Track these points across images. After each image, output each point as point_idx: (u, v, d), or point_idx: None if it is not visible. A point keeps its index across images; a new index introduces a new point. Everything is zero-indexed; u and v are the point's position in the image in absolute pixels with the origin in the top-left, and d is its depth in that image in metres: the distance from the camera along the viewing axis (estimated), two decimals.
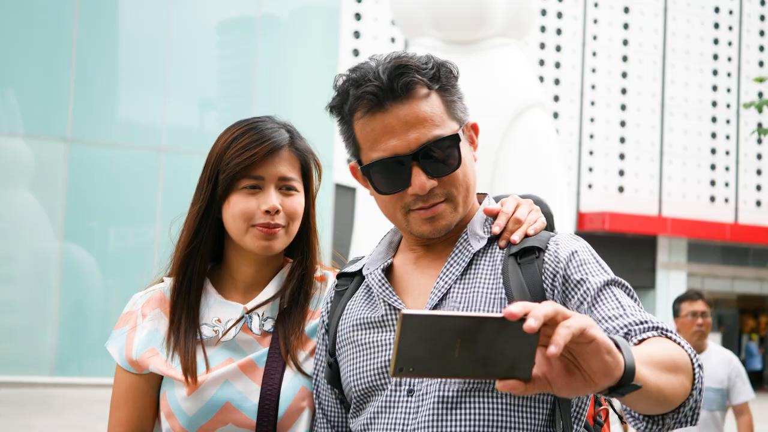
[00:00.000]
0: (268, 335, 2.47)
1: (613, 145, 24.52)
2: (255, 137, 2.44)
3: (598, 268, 2.07)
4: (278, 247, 2.46)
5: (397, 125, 2.12)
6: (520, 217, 2.20)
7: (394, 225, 2.27)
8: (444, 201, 2.15)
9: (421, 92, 2.14)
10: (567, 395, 1.57)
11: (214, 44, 22.11)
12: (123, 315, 2.57)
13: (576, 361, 1.56)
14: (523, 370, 1.51)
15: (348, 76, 2.20)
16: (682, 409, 1.80)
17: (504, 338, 1.50)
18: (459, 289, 2.14)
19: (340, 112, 2.21)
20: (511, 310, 1.48)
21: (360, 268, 2.34)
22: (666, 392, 1.73)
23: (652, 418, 1.80)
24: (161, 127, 20.77)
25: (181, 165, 20.38)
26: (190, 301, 2.49)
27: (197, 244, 2.49)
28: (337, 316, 2.32)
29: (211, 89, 22.01)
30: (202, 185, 2.49)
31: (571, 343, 1.52)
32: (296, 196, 2.48)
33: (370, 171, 2.17)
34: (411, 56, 2.18)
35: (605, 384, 1.57)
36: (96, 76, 20.77)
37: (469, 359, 1.50)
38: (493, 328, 1.50)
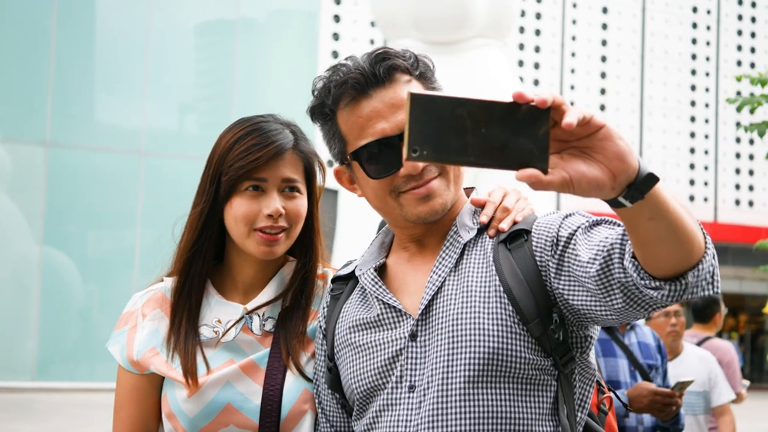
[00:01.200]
0: (269, 335, 2.44)
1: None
2: (259, 139, 2.39)
3: (585, 218, 2.05)
4: (280, 251, 2.43)
5: (383, 108, 2.13)
6: (508, 206, 2.20)
7: (386, 218, 2.25)
8: (438, 176, 2.13)
9: (402, 78, 2.16)
10: (585, 191, 1.56)
11: (193, 47, 22.07)
12: (123, 315, 2.53)
13: (591, 155, 1.56)
14: (539, 160, 1.50)
15: (326, 74, 2.21)
16: (700, 266, 1.76)
17: (516, 124, 1.50)
18: (453, 281, 2.13)
19: (322, 110, 2.21)
20: (520, 91, 1.50)
21: (352, 270, 2.33)
22: (684, 222, 1.70)
23: (672, 280, 1.76)
24: (141, 130, 20.71)
25: (161, 168, 20.33)
26: (192, 303, 2.46)
27: (200, 246, 2.45)
28: (333, 320, 2.30)
29: (190, 92, 21.96)
30: (204, 186, 2.44)
31: (583, 134, 1.54)
32: (299, 198, 2.44)
33: (361, 157, 2.15)
34: (389, 48, 2.20)
35: (623, 170, 1.57)
36: (75, 79, 20.69)
37: (482, 146, 1.49)
38: (503, 113, 1.50)
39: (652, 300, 1.80)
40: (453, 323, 2.07)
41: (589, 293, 1.93)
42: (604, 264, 1.87)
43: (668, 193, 1.67)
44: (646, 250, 1.72)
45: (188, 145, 20.51)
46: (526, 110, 1.50)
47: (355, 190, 2.27)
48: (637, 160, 1.58)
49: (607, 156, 1.55)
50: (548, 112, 1.51)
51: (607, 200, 1.63)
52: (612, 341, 5.05)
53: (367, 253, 2.33)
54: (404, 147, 1.48)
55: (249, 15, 21.81)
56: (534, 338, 2.04)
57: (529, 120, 1.50)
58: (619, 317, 1.92)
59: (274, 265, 2.51)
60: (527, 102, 1.50)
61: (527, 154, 1.50)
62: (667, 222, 1.67)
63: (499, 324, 2.04)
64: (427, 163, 1.40)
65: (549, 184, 1.52)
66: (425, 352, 2.10)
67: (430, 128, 1.48)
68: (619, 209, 1.65)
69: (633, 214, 1.65)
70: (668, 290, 1.76)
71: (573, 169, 1.55)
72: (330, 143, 2.24)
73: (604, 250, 1.88)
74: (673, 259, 1.73)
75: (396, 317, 2.17)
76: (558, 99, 1.52)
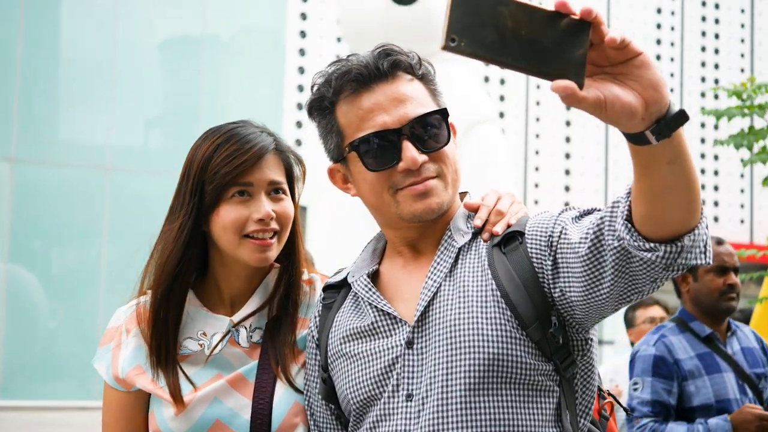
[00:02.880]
0: (257, 347, 2.39)
1: (559, 160, 24.67)
2: (240, 144, 2.36)
3: (576, 210, 2.04)
4: (273, 257, 2.39)
5: (385, 101, 2.10)
6: (502, 209, 2.17)
7: (381, 218, 2.21)
8: (436, 177, 2.11)
9: (405, 76, 2.14)
10: (617, 116, 1.54)
11: (159, 63, 21.99)
12: (107, 331, 2.49)
13: (625, 82, 1.54)
14: (576, 73, 1.49)
15: (327, 69, 2.18)
16: (696, 231, 1.74)
17: (555, 34, 1.48)
18: (449, 286, 2.09)
19: (321, 104, 2.18)
20: (563, 0, 1.49)
21: (344, 278, 2.28)
22: (695, 173, 1.68)
23: (668, 242, 1.73)
24: (106, 146, 20.59)
25: (127, 184, 20.22)
26: (170, 319, 2.39)
27: (185, 261, 2.39)
28: (326, 330, 2.26)
29: (155, 108, 21.87)
30: (184, 199, 2.38)
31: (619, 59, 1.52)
32: (286, 200, 2.41)
33: (359, 149, 2.11)
34: (394, 45, 2.18)
35: (656, 101, 1.55)
36: (40, 95, 20.56)
37: (520, 48, 1.47)
38: (544, 20, 1.48)
39: (645, 264, 1.76)
40: (451, 329, 2.03)
41: (580, 280, 1.91)
42: (594, 237, 1.85)
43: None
44: (655, 201, 1.69)
45: (154, 160, 20.40)
46: (566, 22, 1.49)
47: (348, 189, 2.24)
48: (668, 95, 1.56)
49: (642, 84, 1.54)
50: (588, 27, 1.50)
51: (632, 134, 1.59)
52: (714, 353, 4.70)
53: (359, 259, 2.29)
54: (443, 34, 1.45)
55: (215, 32, 21.75)
56: (533, 342, 2.01)
57: (568, 33, 1.49)
58: (609, 297, 1.89)
59: (260, 275, 2.47)
60: (569, 13, 1.49)
61: (564, 65, 1.48)
62: (683, 169, 1.65)
63: (499, 329, 2.01)
64: (466, 54, 1.36)
65: (583, 100, 1.50)
66: (423, 359, 2.06)
67: (470, 20, 1.46)
68: (640, 148, 1.62)
69: (654, 154, 1.62)
70: (663, 251, 1.74)
71: (608, 91, 1.52)
72: (326, 138, 2.21)
73: (594, 225, 1.86)
74: (679, 214, 1.71)
75: (391, 324, 2.13)
76: (600, 17, 1.50)
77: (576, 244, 1.90)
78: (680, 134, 1.61)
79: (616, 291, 1.86)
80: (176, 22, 21.58)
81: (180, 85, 21.78)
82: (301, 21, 22.31)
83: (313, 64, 21.72)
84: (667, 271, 1.77)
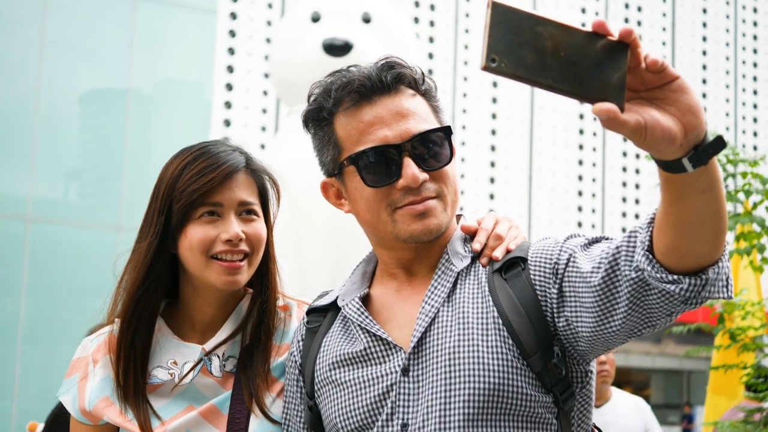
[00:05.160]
0: (230, 376, 2.28)
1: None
2: (210, 161, 2.26)
3: (583, 237, 1.97)
4: (243, 280, 2.28)
5: (386, 115, 2.02)
6: (500, 233, 2.10)
7: (375, 237, 2.12)
8: (435, 197, 2.03)
9: (408, 91, 2.07)
10: (656, 141, 1.48)
11: (83, 115, 21.82)
12: (73, 361, 2.36)
13: (662, 107, 1.49)
14: (616, 96, 1.45)
15: (326, 80, 2.11)
16: (720, 263, 1.69)
17: (594, 56, 1.46)
18: (447, 312, 2.01)
19: (318, 115, 2.09)
20: (602, 21, 1.45)
21: (332, 301, 2.18)
22: (724, 204, 1.63)
23: (692, 275, 1.67)
24: (28, 197, 20.31)
25: (48, 235, 19.92)
26: (136, 344, 2.27)
27: (150, 283, 2.27)
28: (313, 355, 2.15)
29: (79, 159, 21.64)
30: (152, 218, 2.28)
31: (655, 83, 1.48)
32: (258, 221, 2.30)
33: (358, 163, 2.02)
34: (398, 58, 2.11)
35: (695, 127, 1.49)
36: None
37: (561, 70, 1.44)
38: (583, 41, 1.46)
39: (665, 296, 1.71)
40: (450, 357, 1.95)
41: (591, 311, 1.84)
42: (609, 268, 1.79)
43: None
44: (683, 232, 1.64)
45: (76, 212, 20.17)
46: (604, 44, 1.47)
47: (341, 205, 2.15)
48: (705, 120, 1.52)
49: (681, 109, 1.49)
50: (627, 49, 1.47)
51: (667, 161, 1.55)
52: None
53: (349, 282, 2.19)
54: (483, 54, 1.42)
55: (140, 84, 21.64)
56: (534, 373, 1.93)
57: (607, 54, 1.46)
58: (621, 330, 1.82)
59: (233, 301, 2.35)
60: (607, 34, 1.47)
61: (603, 88, 1.46)
62: (716, 198, 1.60)
63: (499, 358, 1.93)
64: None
65: (624, 124, 1.45)
66: (419, 387, 1.97)
67: (509, 40, 1.43)
68: (674, 176, 1.57)
69: (688, 183, 1.57)
70: (687, 284, 1.68)
71: (648, 115, 1.47)
72: (322, 150, 2.12)
73: (609, 255, 1.80)
74: (705, 245, 1.66)
75: (385, 350, 2.03)
76: (638, 39, 1.47)
77: (588, 273, 1.84)
78: (714, 162, 1.57)
79: (629, 324, 1.81)
80: (101, 75, 21.46)
81: (104, 138, 21.61)
82: (228, 74, 22.29)
83: (239, 117, 21.70)
84: (686, 304, 1.72)
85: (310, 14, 9.06)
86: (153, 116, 21.41)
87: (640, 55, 1.48)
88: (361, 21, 8.93)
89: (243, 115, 22.31)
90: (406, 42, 9.04)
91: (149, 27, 21.17)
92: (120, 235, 17.35)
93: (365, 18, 8.92)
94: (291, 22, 9.58)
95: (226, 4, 21.63)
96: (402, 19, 9.39)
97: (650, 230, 1.72)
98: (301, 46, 9.10)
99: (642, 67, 1.49)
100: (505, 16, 1.44)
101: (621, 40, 1.47)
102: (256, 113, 22.88)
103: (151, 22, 21.20)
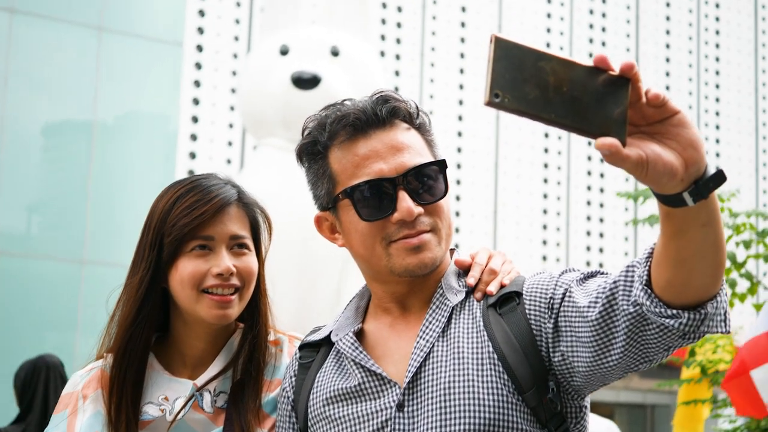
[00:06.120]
0: (221, 412, 2.26)
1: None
2: (201, 195, 2.25)
3: (578, 272, 1.98)
4: (234, 314, 2.26)
5: (382, 149, 2.03)
6: (494, 268, 2.09)
7: (369, 271, 2.11)
8: (430, 231, 2.03)
9: (403, 125, 2.07)
10: (658, 175, 1.49)
11: (47, 146, 21.71)
12: (62, 397, 2.32)
13: (663, 141, 1.50)
14: (617, 131, 1.46)
15: (320, 114, 2.10)
16: (718, 297, 1.69)
17: (596, 90, 1.46)
18: (442, 347, 2.00)
19: (313, 149, 2.09)
20: (603, 56, 1.46)
21: (325, 336, 2.17)
22: (723, 238, 1.63)
23: (691, 309, 1.67)
24: None
25: (9, 269, 19.76)
26: (128, 380, 2.25)
27: (142, 317, 2.25)
28: (306, 390, 2.13)
29: (42, 191, 21.52)
30: (143, 252, 2.26)
31: (656, 118, 1.49)
32: (249, 255, 2.29)
33: (353, 196, 2.02)
34: (392, 91, 2.13)
35: (695, 161, 1.50)
36: None
37: (563, 105, 1.45)
38: (585, 76, 1.46)
39: (663, 331, 1.71)
40: (445, 392, 1.94)
41: (588, 346, 1.84)
42: (607, 303, 1.79)
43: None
44: (682, 266, 1.64)
45: (38, 246, 20.01)
46: (605, 78, 1.47)
47: (335, 240, 2.14)
48: (705, 157, 1.53)
49: (681, 143, 1.50)
50: (628, 83, 1.48)
51: (667, 196, 1.55)
52: None
53: (342, 317, 2.18)
54: (486, 89, 1.44)
55: (105, 116, 21.57)
56: (530, 408, 1.93)
57: (608, 89, 1.47)
58: (619, 365, 1.83)
59: (224, 335, 2.34)
60: (608, 69, 1.47)
61: (605, 123, 1.46)
62: (716, 232, 1.61)
63: (495, 393, 1.93)
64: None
65: (626, 159, 1.45)
66: (414, 423, 1.96)
67: (513, 75, 1.44)
68: (674, 210, 1.57)
69: (688, 217, 1.58)
70: (687, 318, 1.68)
71: (650, 150, 1.48)
72: (316, 184, 2.11)
73: (606, 290, 1.80)
74: (705, 279, 1.66)
75: (380, 386, 2.02)
76: (639, 74, 1.47)
77: (585, 308, 1.84)
78: (714, 196, 1.58)
79: (627, 359, 1.81)
80: (65, 105, 21.39)
81: (67, 169, 21.51)
82: (193, 106, 22.28)
83: (205, 150, 21.66)
84: (684, 339, 1.72)
85: (278, 47, 9.09)
86: (118, 148, 21.33)
87: (641, 90, 1.49)
88: (329, 54, 8.97)
89: (208, 147, 22.28)
90: (374, 75, 9.09)
91: (114, 59, 21.12)
92: (83, 268, 17.20)
93: (334, 51, 8.96)
94: (260, 55, 9.62)
95: (192, 36, 21.66)
96: (370, 53, 9.44)
97: (648, 265, 1.72)
98: (270, 78, 9.13)
99: (643, 101, 1.50)
100: (509, 51, 1.45)
101: (622, 75, 1.48)
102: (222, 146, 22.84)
103: (116, 53, 21.16)
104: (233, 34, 21.28)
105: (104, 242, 17.31)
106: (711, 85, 24.55)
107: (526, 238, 26.12)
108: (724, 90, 24.63)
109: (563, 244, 26.84)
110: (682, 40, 24.61)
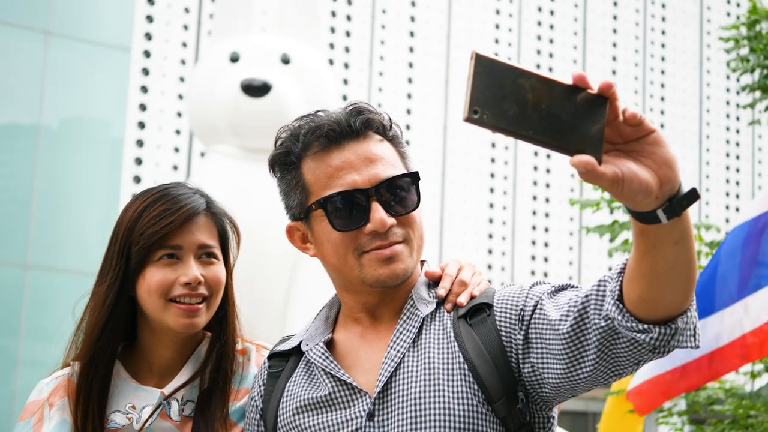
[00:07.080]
0: (188, 421, 2.26)
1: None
2: (169, 204, 2.25)
3: (549, 285, 2.00)
4: (201, 323, 2.27)
5: (355, 160, 2.04)
6: (465, 279, 2.11)
7: (341, 281, 2.12)
8: (402, 242, 2.05)
9: (376, 137, 2.08)
10: (632, 193, 1.51)
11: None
12: (27, 405, 2.31)
13: (638, 159, 1.52)
14: (594, 148, 1.48)
15: (293, 125, 2.11)
16: (689, 312, 1.72)
17: (574, 108, 1.48)
18: (412, 358, 2.01)
19: (286, 159, 2.09)
20: (582, 74, 1.48)
21: (294, 346, 2.17)
22: (695, 255, 1.66)
23: (662, 324, 1.71)
24: None
25: None
26: (95, 388, 2.24)
27: (109, 326, 2.25)
28: (276, 399, 2.13)
29: None
30: (111, 261, 2.26)
31: (632, 136, 1.51)
32: (217, 265, 2.30)
33: (326, 206, 2.03)
34: (366, 103, 2.13)
35: (670, 179, 1.53)
36: None
37: (541, 122, 1.46)
38: (563, 93, 1.48)
39: (634, 345, 1.74)
40: (415, 402, 1.96)
41: (559, 359, 1.86)
42: (578, 316, 1.81)
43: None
44: (655, 282, 1.67)
45: None
46: (583, 96, 1.49)
47: (306, 249, 2.15)
48: (680, 173, 1.56)
49: (657, 161, 1.52)
50: (605, 102, 1.50)
51: (641, 213, 1.58)
52: None
53: (312, 327, 2.18)
54: (465, 105, 1.44)
55: (49, 121, 21.38)
56: (499, 418, 1.95)
57: (586, 107, 1.49)
58: (590, 378, 1.85)
59: (191, 344, 2.34)
60: (586, 87, 1.49)
61: (582, 140, 1.48)
62: (688, 249, 1.64)
63: (465, 403, 1.95)
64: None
65: (602, 176, 1.48)
66: None
67: (492, 92, 1.45)
68: (647, 227, 1.60)
69: (661, 234, 1.61)
70: (658, 333, 1.71)
71: (626, 167, 1.51)
72: (289, 194, 2.12)
73: (578, 303, 1.82)
74: (676, 295, 1.69)
75: (350, 395, 2.03)
76: (616, 92, 1.50)
77: (556, 321, 1.86)
78: (687, 214, 1.61)
79: (598, 372, 1.83)
80: (10, 109, 21.16)
81: (12, 174, 21.28)
82: (140, 112, 22.15)
83: (151, 156, 21.56)
84: (654, 353, 1.75)
85: (228, 54, 9.04)
86: (63, 153, 21.14)
87: (619, 109, 1.52)
88: (280, 62, 8.94)
89: (155, 153, 22.16)
90: (325, 83, 9.07)
91: (61, 63, 20.93)
92: (27, 272, 17.02)
93: (284, 59, 8.93)
94: (209, 62, 9.56)
95: (139, 42, 21.51)
96: (320, 60, 9.42)
97: (620, 280, 1.75)
98: (219, 85, 9.09)
99: (620, 120, 1.53)
100: (488, 68, 1.46)
101: (600, 93, 1.51)
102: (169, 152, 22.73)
103: (63, 58, 20.96)
104: (181, 40, 21.19)
105: (49, 247, 17.12)
106: (656, 98, 24.79)
107: (472, 247, 26.21)
108: (669, 102, 24.88)
109: (509, 254, 26.97)
110: (629, 52, 24.83)
